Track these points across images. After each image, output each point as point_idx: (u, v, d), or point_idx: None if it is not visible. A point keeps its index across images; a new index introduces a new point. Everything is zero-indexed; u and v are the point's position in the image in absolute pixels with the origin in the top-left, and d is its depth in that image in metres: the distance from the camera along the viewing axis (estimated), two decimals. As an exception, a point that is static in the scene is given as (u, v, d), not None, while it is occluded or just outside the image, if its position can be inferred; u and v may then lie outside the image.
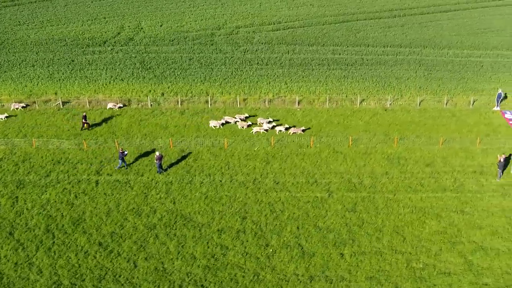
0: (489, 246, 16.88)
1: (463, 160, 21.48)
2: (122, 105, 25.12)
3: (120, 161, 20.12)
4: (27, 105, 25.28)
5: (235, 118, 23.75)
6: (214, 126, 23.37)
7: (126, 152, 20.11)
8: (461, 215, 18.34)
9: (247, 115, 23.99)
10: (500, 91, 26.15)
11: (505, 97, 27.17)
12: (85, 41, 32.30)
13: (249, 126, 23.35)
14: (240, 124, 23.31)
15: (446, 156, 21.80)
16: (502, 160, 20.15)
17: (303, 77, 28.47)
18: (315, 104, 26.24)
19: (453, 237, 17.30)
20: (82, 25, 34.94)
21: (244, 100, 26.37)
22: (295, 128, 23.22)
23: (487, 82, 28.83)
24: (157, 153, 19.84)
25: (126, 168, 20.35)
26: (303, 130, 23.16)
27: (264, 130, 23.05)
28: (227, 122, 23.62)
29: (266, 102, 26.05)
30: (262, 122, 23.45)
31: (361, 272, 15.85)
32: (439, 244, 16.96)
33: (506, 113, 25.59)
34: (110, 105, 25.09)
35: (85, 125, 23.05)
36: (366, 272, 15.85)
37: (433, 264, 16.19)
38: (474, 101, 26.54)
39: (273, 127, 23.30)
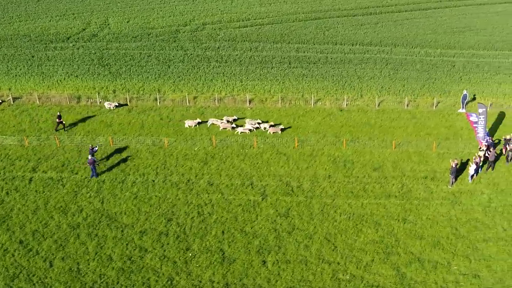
0: (427, 258, 15.71)
1: (415, 164, 20.26)
2: (117, 104, 24.42)
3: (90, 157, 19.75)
4: (3, 101, 25.07)
5: (222, 120, 22.78)
6: (189, 126, 22.64)
7: (96, 148, 19.93)
8: (403, 223, 17.20)
9: (236, 118, 23.08)
10: (465, 92, 24.76)
11: (473, 98, 25.78)
12: (50, 37, 32.00)
13: (233, 128, 22.45)
14: (223, 126, 22.43)
15: (397, 160, 20.60)
16: (454, 165, 18.87)
17: (260, 75, 27.53)
18: (267, 103, 25.28)
19: (389, 247, 16.18)
20: (50, 20, 34.67)
21: (194, 98, 25.64)
22: (274, 127, 22.29)
23: (456, 82, 27.35)
24: (89, 157, 19.32)
25: (98, 164, 19.96)
26: (282, 130, 22.28)
27: (248, 130, 22.24)
28: (213, 124, 22.74)
29: (216, 101, 25.27)
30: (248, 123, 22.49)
31: (281, 282, 14.93)
32: (372, 255, 15.87)
33: (471, 115, 24.04)
34: (107, 105, 24.31)
35: (60, 124, 22.37)
36: (287, 282, 14.92)
37: (361, 276, 15.14)
38: (438, 103, 25.19)
39: (257, 128, 22.42)
